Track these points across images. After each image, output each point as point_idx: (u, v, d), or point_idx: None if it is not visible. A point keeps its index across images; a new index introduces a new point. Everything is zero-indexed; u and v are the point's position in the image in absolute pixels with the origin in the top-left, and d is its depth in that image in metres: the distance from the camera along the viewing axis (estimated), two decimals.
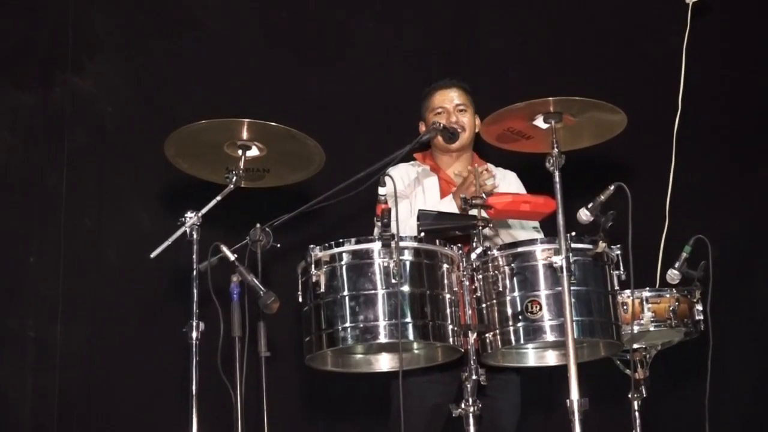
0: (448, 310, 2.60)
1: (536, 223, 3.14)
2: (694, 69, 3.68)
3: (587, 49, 4.33)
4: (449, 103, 3.23)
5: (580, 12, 4.36)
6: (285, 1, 4.20)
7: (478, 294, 2.66)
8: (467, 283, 2.67)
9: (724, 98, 4.37)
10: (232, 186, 2.67)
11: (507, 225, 3.15)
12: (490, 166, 3.29)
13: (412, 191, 3.20)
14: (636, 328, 2.93)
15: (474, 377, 2.59)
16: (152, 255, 2.54)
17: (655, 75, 4.19)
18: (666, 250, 3.37)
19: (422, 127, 3.26)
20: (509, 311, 2.60)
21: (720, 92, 4.35)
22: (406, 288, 2.53)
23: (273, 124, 2.66)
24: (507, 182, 3.23)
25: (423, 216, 2.74)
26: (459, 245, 2.71)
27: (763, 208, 4.39)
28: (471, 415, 2.61)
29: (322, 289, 2.57)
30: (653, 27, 4.32)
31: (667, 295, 2.99)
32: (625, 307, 2.89)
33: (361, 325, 2.52)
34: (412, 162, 3.29)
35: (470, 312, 2.65)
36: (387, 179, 2.67)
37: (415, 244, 2.60)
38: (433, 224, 2.73)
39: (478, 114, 3.22)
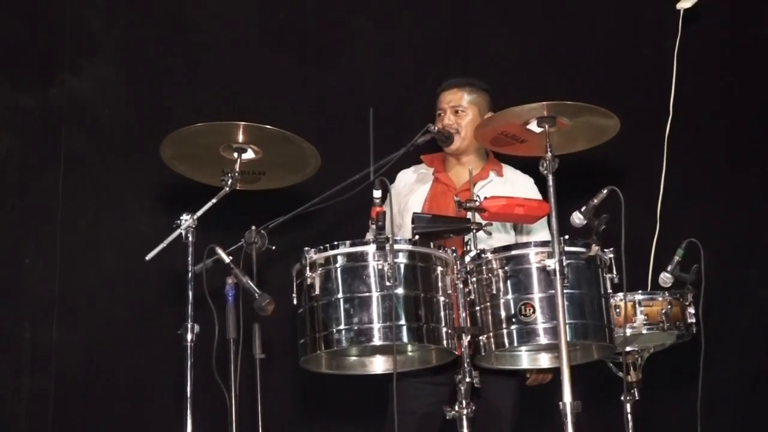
0: (442, 313, 2.61)
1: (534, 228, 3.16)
2: (685, 74, 3.70)
3: (581, 53, 4.35)
4: (447, 104, 3.25)
5: (575, 17, 4.37)
6: (283, 2, 4.21)
7: (472, 297, 2.67)
8: (461, 285, 2.68)
9: (715, 103, 4.39)
10: (227, 188, 2.69)
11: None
12: (507, 169, 3.28)
13: (402, 201, 3.21)
14: (629, 331, 2.94)
15: (468, 380, 2.61)
16: (148, 257, 2.55)
17: (647, 80, 4.21)
18: (657, 254, 3.38)
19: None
20: (503, 314, 2.61)
21: (711, 97, 4.36)
22: (400, 290, 2.55)
23: (268, 127, 2.67)
24: (516, 186, 3.19)
25: (417, 219, 2.75)
26: (453, 248, 2.72)
27: (755, 211, 4.40)
28: (464, 417, 2.63)
29: (317, 292, 2.58)
30: (646, 32, 4.34)
31: (660, 299, 3.00)
32: (617, 310, 2.90)
33: (356, 328, 2.53)
34: (416, 166, 3.30)
35: (464, 315, 2.67)
36: (382, 182, 2.68)
37: (410, 247, 2.62)
38: (427, 227, 2.74)
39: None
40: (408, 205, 3.17)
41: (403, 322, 2.53)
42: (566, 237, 2.59)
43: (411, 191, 3.24)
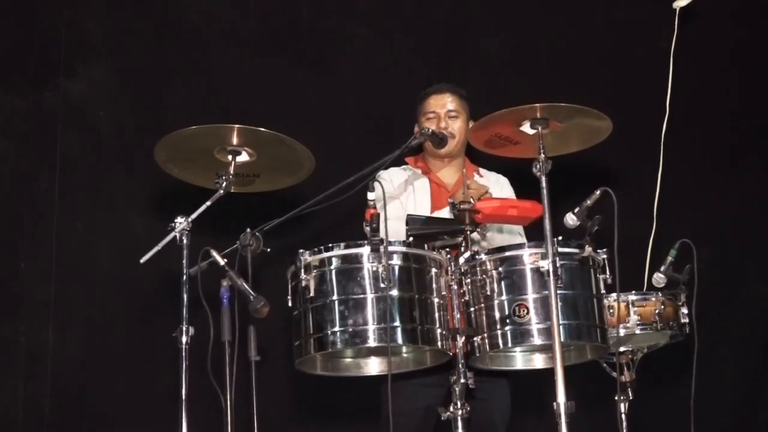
0: (436, 314, 2.63)
1: (521, 229, 3.17)
2: (681, 73, 3.72)
3: (576, 53, 4.36)
4: (441, 108, 3.26)
5: (570, 17, 4.39)
6: (277, 7, 4.21)
7: (467, 298, 2.68)
8: (455, 287, 2.69)
9: (711, 102, 4.41)
10: (222, 191, 2.69)
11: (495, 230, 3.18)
12: (483, 171, 3.32)
13: (401, 193, 3.23)
14: (622, 331, 2.96)
15: (462, 381, 2.62)
16: (142, 260, 2.55)
17: (643, 79, 4.22)
18: (654, 254, 3.40)
19: (417, 130, 3.28)
20: (497, 315, 2.62)
21: (707, 96, 4.38)
22: (394, 292, 2.56)
23: (262, 129, 2.67)
24: (499, 186, 3.26)
25: (412, 221, 2.76)
26: (447, 249, 2.73)
27: (751, 210, 4.42)
28: (459, 418, 2.64)
29: (312, 294, 2.59)
30: (642, 32, 4.36)
31: (653, 299, 3.02)
32: (611, 311, 2.92)
33: (351, 329, 2.54)
34: (403, 166, 3.32)
35: (458, 316, 2.68)
36: (376, 184, 2.69)
37: (404, 249, 2.63)
38: (421, 229, 2.75)
39: (471, 118, 3.25)
40: (416, 206, 3.17)
41: (397, 323, 2.54)
42: (560, 238, 2.60)
43: (409, 192, 3.24)
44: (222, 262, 2.61)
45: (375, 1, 4.29)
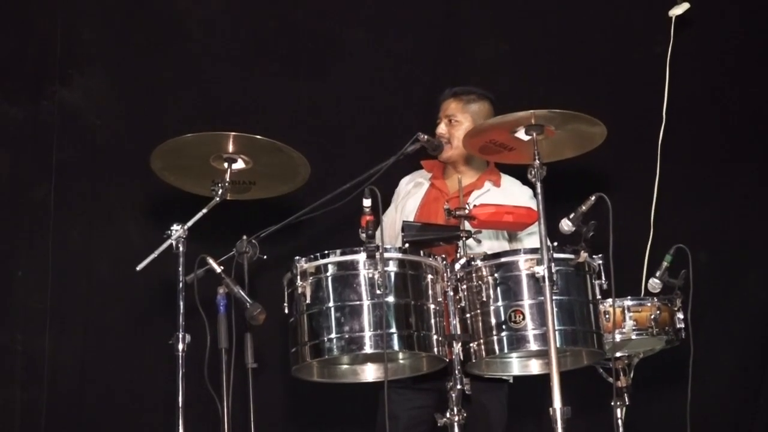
0: (432, 320, 2.63)
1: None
2: (677, 80, 3.73)
3: (573, 60, 4.37)
4: (442, 113, 3.27)
5: (566, 24, 4.40)
6: (273, 12, 4.22)
7: (463, 304, 2.69)
8: (451, 293, 2.70)
9: (707, 108, 4.42)
10: (218, 198, 2.70)
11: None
12: (505, 179, 3.28)
13: (397, 206, 3.24)
14: (618, 337, 2.96)
15: (459, 387, 2.63)
16: (138, 267, 2.56)
17: (639, 86, 4.24)
18: (649, 259, 3.41)
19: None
20: (493, 321, 2.63)
21: (703, 103, 4.40)
22: (391, 299, 2.56)
23: (258, 137, 2.69)
24: (512, 197, 3.16)
25: (407, 227, 2.77)
26: (443, 255, 2.74)
27: (748, 215, 4.43)
28: (456, 424, 2.64)
29: (308, 301, 2.60)
30: (637, 40, 4.37)
31: (649, 304, 3.02)
32: (607, 316, 2.92)
33: (347, 336, 2.55)
34: (414, 173, 3.33)
35: (455, 322, 2.68)
36: (372, 191, 2.70)
37: (400, 255, 2.63)
38: (417, 235, 2.76)
39: None
40: (404, 210, 3.19)
41: (393, 330, 2.55)
42: (555, 244, 2.61)
43: (408, 197, 3.26)
44: (218, 269, 2.61)
45: (371, 7, 4.30)
